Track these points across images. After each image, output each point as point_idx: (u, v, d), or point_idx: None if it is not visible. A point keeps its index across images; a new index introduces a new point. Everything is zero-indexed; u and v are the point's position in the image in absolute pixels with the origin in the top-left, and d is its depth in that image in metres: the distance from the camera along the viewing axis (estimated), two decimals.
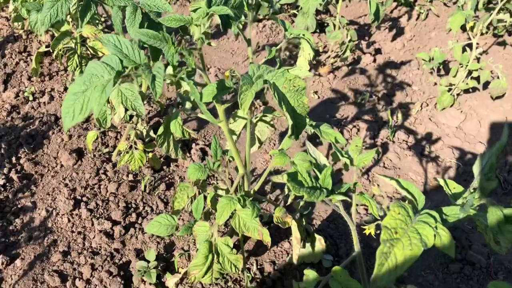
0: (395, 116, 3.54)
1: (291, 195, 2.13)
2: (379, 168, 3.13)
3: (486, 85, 3.48)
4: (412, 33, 4.35)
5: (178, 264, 2.44)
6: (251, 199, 1.88)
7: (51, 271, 2.40)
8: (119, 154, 3.03)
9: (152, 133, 3.02)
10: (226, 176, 2.07)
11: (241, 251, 2.22)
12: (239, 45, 4.42)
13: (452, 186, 1.57)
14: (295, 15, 4.64)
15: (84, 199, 2.79)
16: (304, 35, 1.87)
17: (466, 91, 3.57)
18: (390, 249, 1.15)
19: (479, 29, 3.32)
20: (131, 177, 2.94)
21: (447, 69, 3.79)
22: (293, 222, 2.07)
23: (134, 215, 2.70)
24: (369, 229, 1.61)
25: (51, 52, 3.61)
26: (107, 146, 3.17)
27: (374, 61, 4.13)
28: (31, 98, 3.57)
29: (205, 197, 2.06)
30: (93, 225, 2.64)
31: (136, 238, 2.59)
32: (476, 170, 1.41)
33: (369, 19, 4.56)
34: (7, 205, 2.76)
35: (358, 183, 1.55)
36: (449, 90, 3.47)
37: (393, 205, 1.23)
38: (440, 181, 1.57)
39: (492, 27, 3.89)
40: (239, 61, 4.21)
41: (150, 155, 2.89)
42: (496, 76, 3.48)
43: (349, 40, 3.89)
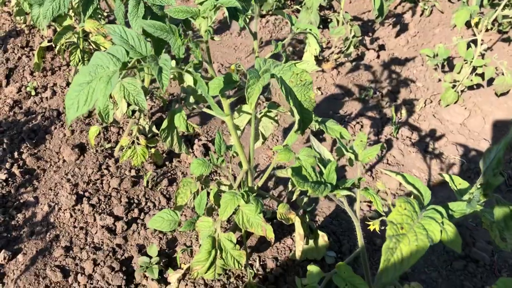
0: (399, 112, 3.52)
1: (296, 191, 2.12)
2: (382, 164, 3.11)
3: (491, 81, 3.46)
4: (416, 29, 4.33)
5: (181, 259, 2.43)
6: (254, 194, 1.86)
7: (53, 266, 2.40)
8: (121, 149, 3.02)
9: (154, 129, 3.01)
10: (229, 172, 2.05)
11: (244, 247, 2.21)
12: (242, 40, 4.40)
13: (457, 182, 1.55)
14: (298, 10, 4.62)
15: (87, 194, 2.78)
16: (311, 30, 1.85)
17: (471, 87, 3.55)
18: (396, 244, 1.13)
19: (484, 25, 3.29)
20: (133, 173, 2.93)
21: (451, 66, 3.76)
22: (296, 219, 2.06)
23: (136, 210, 2.69)
24: (374, 225, 1.59)
25: (53, 47, 3.60)
26: (109, 141, 3.16)
27: (378, 57, 4.10)
28: (33, 93, 3.56)
29: (208, 192, 2.05)
30: (95, 220, 2.63)
31: (138, 233, 2.58)
32: (482, 165, 1.39)
33: (373, 15, 4.53)
34: (10, 200, 2.76)
35: (363, 177, 1.54)
36: (453, 87, 3.45)
37: (399, 200, 1.21)
38: (445, 176, 1.55)
39: (497, 23, 3.86)
40: (242, 57, 4.20)
41: (153, 150, 2.88)
42: (500, 73, 3.46)
43: (353, 36, 3.87)
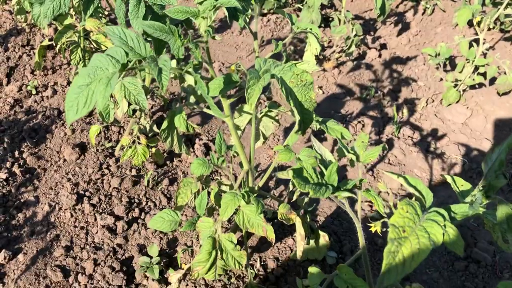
0: (401, 112, 3.51)
1: (296, 191, 2.11)
2: (384, 164, 3.10)
3: (493, 81, 3.45)
4: (418, 28, 4.31)
5: (181, 260, 2.42)
6: (255, 195, 1.85)
7: (53, 266, 2.39)
8: (122, 148, 3.01)
9: (155, 128, 3.00)
10: (230, 172, 2.05)
11: (244, 247, 2.20)
12: (243, 39, 4.38)
13: (460, 184, 1.54)
14: (299, 9, 4.60)
15: (87, 194, 2.78)
16: (311, 29, 1.84)
17: (472, 87, 3.53)
18: (397, 248, 1.13)
19: (486, 24, 3.28)
20: (134, 172, 2.93)
21: (453, 65, 3.75)
22: (297, 219, 2.05)
23: (137, 210, 2.69)
24: (375, 226, 1.59)
25: (54, 46, 3.59)
26: (110, 140, 3.16)
27: (380, 56, 4.09)
28: (34, 92, 3.55)
29: (209, 192, 2.04)
30: (96, 220, 2.63)
31: (139, 233, 2.57)
32: (485, 167, 1.38)
33: (375, 14, 4.52)
34: (10, 199, 2.75)
35: (364, 179, 1.53)
36: (455, 86, 3.43)
37: (401, 203, 1.20)
38: (447, 178, 1.54)
39: (499, 22, 3.84)
40: (243, 56, 4.18)
41: (153, 150, 2.87)
42: (503, 72, 3.45)
43: (354, 35, 3.85)
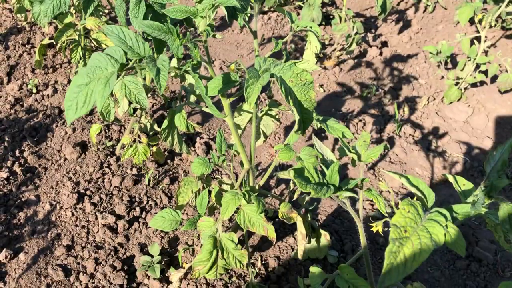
0: (402, 110, 3.50)
1: (297, 190, 2.10)
2: (385, 162, 3.10)
3: (494, 79, 3.44)
4: (419, 25, 4.29)
5: (182, 259, 2.42)
6: (256, 194, 1.85)
7: (54, 265, 2.39)
8: (123, 147, 3.01)
9: (156, 127, 3.00)
10: (231, 171, 2.04)
11: (245, 246, 2.20)
12: (244, 37, 4.38)
13: (461, 183, 1.53)
14: (300, 7, 4.59)
15: (88, 193, 2.78)
16: (311, 27, 1.83)
17: (474, 85, 3.52)
18: (399, 248, 1.12)
19: (487, 22, 3.27)
20: (135, 171, 2.92)
21: (454, 63, 3.74)
22: (298, 218, 2.05)
23: (138, 209, 2.69)
24: (377, 226, 1.58)
25: (54, 44, 3.59)
26: (110, 139, 3.15)
27: (381, 54, 4.08)
28: (34, 91, 3.54)
29: (210, 191, 2.04)
30: (97, 219, 2.62)
31: (140, 232, 2.57)
32: (487, 167, 1.38)
33: (376, 12, 4.51)
34: (11, 198, 2.75)
35: (365, 179, 1.52)
36: (456, 84, 3.42)
37: (402, 203, 1.20)
38: (449, 177, 1.54)
39: (501, 19, 3.83)
40: (244, 54, 4.17)
41: (154, 148, 2.87)
42: (504, 70, 3.44)
43: (355, 32, 3.84)
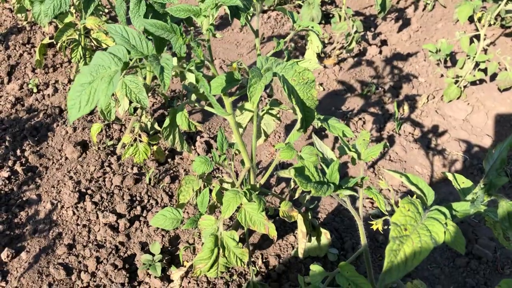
0: (401, 108, 3.51)
1: (298, 189, 2.11)
2: (385, 161, 3.11)
3: (494, 77, 3.45)
4: (418, 24, 4.30)
5: (183, 257, 2.43)
6: (257, 192, 1.86)
7: (56, 264, 2.40)
8: (123, 146, 3.01)
9: (156, 126, 3.01)
10: (232, 169, 2.05)
11: (246, 244, 2.21)
12: (244, 36, 4.38)
13: (461, 181, 1.54)
14: (300, 6, 4.60)
15: (89, 192, 2.79)
16: (312, 27, 1.84)
17: (473, 83, 3.53)
18: (399, 246, 1.13)
19: (487, 20, 3.27)
20: (135, 170, 2.93)
21: (454, 61, 3.75)
22: (299, 216, 2.06)
23: (139, 208, 2.70)
24: (377, 224, 1.59)
25: (55, 44, 3.59)
26: (111, 138, 3.16)
27: (380, 52, 4.09)
28: (35, 90, 3.55)
29: (210, 190, 2.05)
30: (98, 218, 2.63)
31: (141, 231, 2.58)
32: (486, 165, 1.39)
33: (375, 10, 4.51)
34: (12, 197, 2.76)
35: (365, 177, 1.53)
36: (456, 82, 3.43)
37: (402, 201, 1.21)
38: (449, 175, 1.55)
39: (500, 18, 3.84)
40: (244, 53, 4.18)
41: (155, 147, 2.88)
42: (503, 68, 3.45)
43: (355, 31, 3.85)
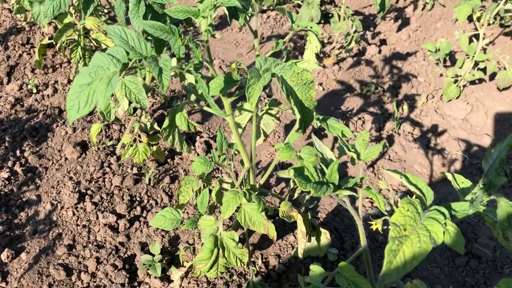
0: (401, 108, 3.51)
1: (297, 189, 2.11)
2: (384, 160, 3.11)
3: (493, 76, 3.45)
4: (418, 23, 4.30)
5: (183, 257, 2.43)
6: (256, 193, 1.86)
7: (56, 264, 2.41)
8: (123, 147, 3.02)
9: (156, 126, 3.01)
10: (231, 170, 2.05)
11: (246, 244, 2.21)
12: (243, 36, 4.38)
13: (460, 181, 1.54)
14: (299, 5, 4.60)
15: (89, 192, 2.79)
16: (311, 27, 1.84)
17: (473, 82, 3.53)
18: (399, 246, 1.13)
19: (486, 19, 3.27)
20: (135, 170, 2.94)
21: (453, 60, 3.75)
22: (298, 216, 2.06)
23: (138, 208, 2.70)
24: (376, 224, 1.59)
25: (54, 44, 3.59)
26: (111, 139, 3.16)
27: (380, 52, 4.09)
28: (34, 91, 3.55)
29: (210, 190, 2.05)
30: (97, 218, 2.64)
31: (141, 231, 2.58)
32: (485, 165, 1.39)
33: (375, 10, 4.51)
34: (12, 198, 2.76)
35: (365, 177, 1.53)
36: (455, 82, 3.43)
37: (402, 201, 1.21)
38: (448, 175, 1.55)
39: (499, 17, 3.84)
40: (243, 53, 4.18)
41: (154, 148, 2.88)
42: (503, 67, 3.45)
43: (354, 31, 3.85)
